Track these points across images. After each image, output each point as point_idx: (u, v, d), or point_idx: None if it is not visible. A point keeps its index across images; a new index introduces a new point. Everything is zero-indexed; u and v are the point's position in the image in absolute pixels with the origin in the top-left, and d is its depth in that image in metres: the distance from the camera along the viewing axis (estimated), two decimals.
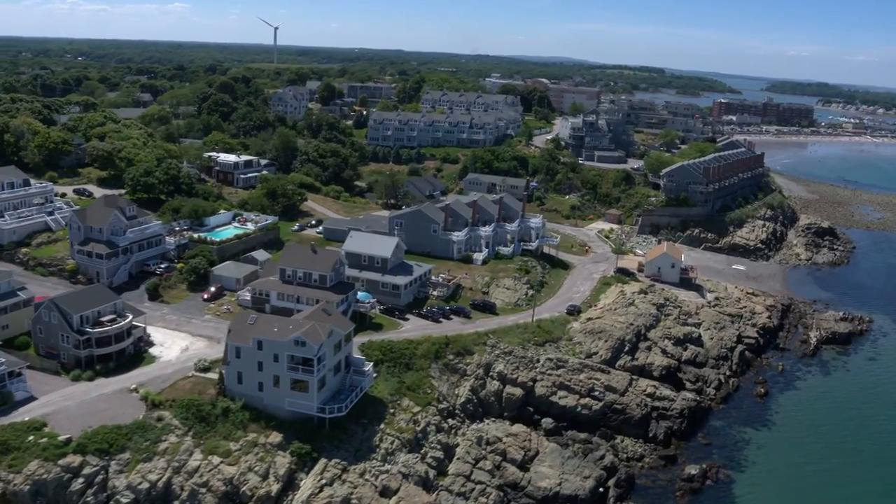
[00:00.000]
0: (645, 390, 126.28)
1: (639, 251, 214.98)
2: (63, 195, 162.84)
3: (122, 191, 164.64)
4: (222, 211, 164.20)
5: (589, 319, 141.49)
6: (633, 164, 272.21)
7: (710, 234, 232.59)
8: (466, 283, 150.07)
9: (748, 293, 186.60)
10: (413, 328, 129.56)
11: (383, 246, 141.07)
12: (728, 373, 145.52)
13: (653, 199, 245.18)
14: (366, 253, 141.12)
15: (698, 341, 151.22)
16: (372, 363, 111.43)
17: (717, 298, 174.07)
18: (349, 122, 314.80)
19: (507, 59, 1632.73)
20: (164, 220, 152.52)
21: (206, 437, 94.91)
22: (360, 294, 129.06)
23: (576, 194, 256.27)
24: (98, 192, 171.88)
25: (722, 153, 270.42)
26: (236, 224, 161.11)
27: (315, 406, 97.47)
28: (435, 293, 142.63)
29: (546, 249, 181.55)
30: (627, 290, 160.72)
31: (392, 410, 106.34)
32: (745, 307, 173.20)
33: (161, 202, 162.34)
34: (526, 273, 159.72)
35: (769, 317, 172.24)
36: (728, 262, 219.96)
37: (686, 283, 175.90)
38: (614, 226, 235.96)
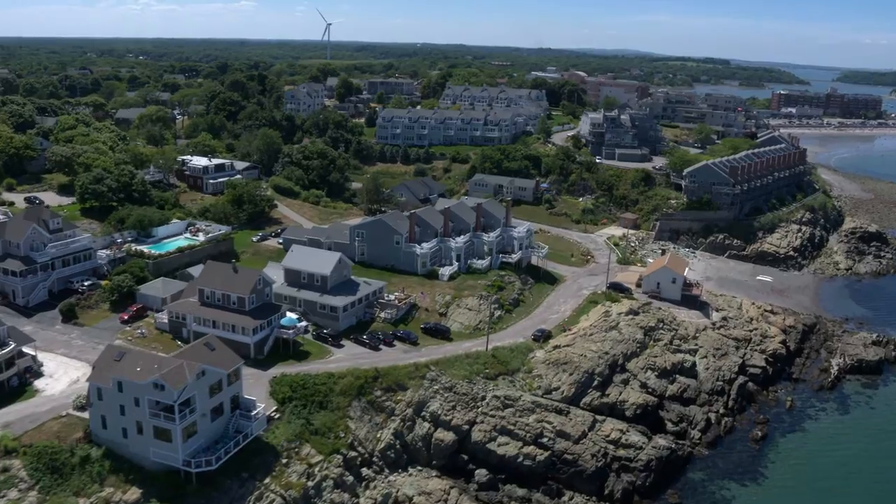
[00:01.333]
0: (608, 435, 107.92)
1: (651, 260, 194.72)
2: (11, 204, 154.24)
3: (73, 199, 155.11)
4: (175, 220, 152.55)
5: (556, 348, 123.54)
6: (660, 162, 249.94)
7: (735, 241, 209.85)
8: (424, 303, 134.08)
9: (766, 311, 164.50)
10: (344, 357, 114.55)
11: (323, 262, 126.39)
12: (722, 410, 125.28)
13: (673, 201, 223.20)
14: (305, 270, 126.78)
15: (690, 372, 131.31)
16: (277, 403, 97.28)
17: (724, 319, 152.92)
18: (361, 120, 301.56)
19: (568, 52, 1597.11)
20: (104, 231, 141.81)
21: (53, 493, 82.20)
22: (284, 319, 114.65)
23: (590, 196, 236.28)
24: (56, 200, 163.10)
25: (756, 150, 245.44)
26: (187, 235, 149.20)
27: (180, 458, 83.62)
28: (382, 315, 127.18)
29: (535, 261, 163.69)
30: (615, 310, 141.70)
31: (286, 460, 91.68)
32: (755, 329, 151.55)
33: (114, 211, 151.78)
34: (499, 290, 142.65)
35: (784, 340, 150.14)
36: (753, 272, 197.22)
37: (689, 300, 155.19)
38: (629, 231, 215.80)
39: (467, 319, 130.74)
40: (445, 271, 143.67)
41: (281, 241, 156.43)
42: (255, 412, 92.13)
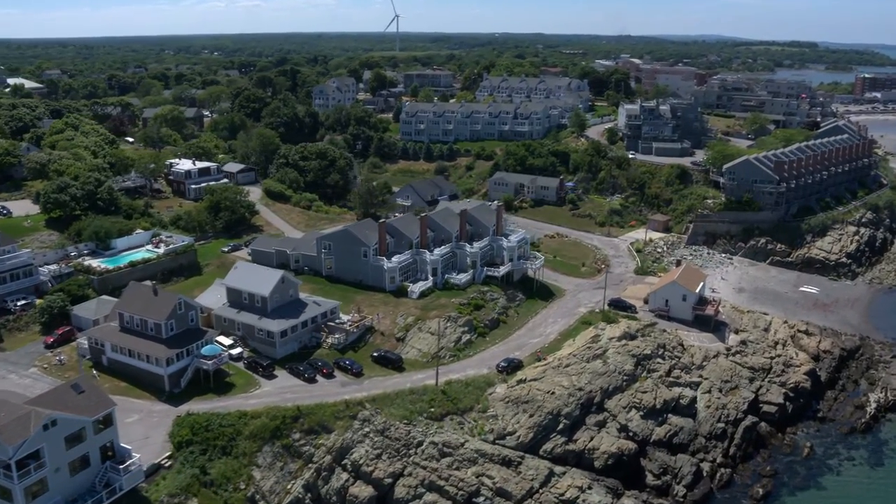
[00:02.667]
0: (563, 494, 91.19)
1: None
2: None
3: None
4: (139, 231, 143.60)
5: (520, 382, 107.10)
6: (703, 157, 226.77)
7: (779, 246, 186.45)
8: (382, 326, 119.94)
9: (799, 331, 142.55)
10: (272, 391, 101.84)
11: (263, 281, 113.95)
12: (720, 459, 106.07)
13: (710, 200, 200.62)
14: (245, 290, 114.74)
15: (687, 410, 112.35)
16: (174, 448, 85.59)
17: (743, 343, 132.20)
18: (388, 116, 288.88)
19: (650, 38, 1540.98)
20: (58, 244, 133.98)
21: None
22: (205, 348, 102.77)
23: (619, 196, 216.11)
24: (29, 208, 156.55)
25: (811, 142, 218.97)
26: (149, 247, 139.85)
27: None
28: (329, 341, 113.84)
29: (534, 272, 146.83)
30: (607, 333, 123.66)
31: None
32: (779, 355, 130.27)
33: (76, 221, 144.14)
34: (475, 309, 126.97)
35: (813, 370, 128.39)
36: (797, 282, 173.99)
37: (702, 321, 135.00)
38: (658, 235, 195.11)
39: (427, 346, 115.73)
40: (416, 288, 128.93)
41: (250, 251, 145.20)
42: (130, 462, 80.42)
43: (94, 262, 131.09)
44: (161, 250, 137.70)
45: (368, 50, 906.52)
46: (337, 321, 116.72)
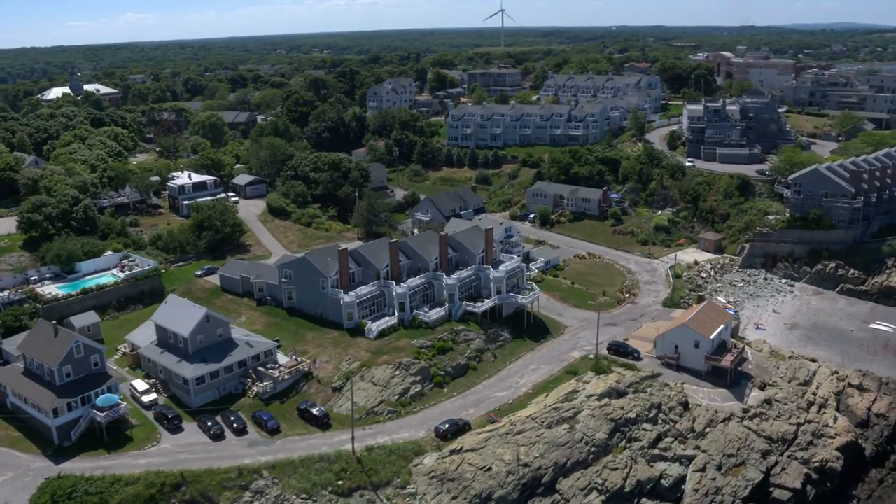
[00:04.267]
0: None
1: (721, 299, 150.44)
2: None
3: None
4: (109, 253, 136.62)
5: (455, 452, 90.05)
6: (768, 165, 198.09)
7: (851, 271, 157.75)
8: (323, 372, 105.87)
9: (851, 385, 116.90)
10: (170, 449, 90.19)
11: (186, 319, 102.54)
12: None
13: (771, 216, 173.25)
14: (170, 328, 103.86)
15: (669, 494, 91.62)
16: None
17: (767, 402, 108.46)
18: (441, 118, 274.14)
19: (776, 28, 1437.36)
20: (17, 267, 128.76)
21: None
22: (101, 397, 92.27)
23: (670, 209, 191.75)
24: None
25: None
26: (114, 271, 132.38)
27: None
28: (254, 389, 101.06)
29: (539, 305, 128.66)
30: (588, 388, 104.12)
31: None
32: (810, 420, 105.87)
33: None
34: (439, 353, 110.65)
35: (853, 442, 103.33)
36: (869, 316, 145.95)
37: (718, 373, 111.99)
38: (708, 256, 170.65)
39: (366, 398, 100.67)
40: (375, 326, 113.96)
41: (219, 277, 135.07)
42: None
43: (51, 288, 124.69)
44: (122, 275, 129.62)
45: (477, 45, 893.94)
46: (269, 366, 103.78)
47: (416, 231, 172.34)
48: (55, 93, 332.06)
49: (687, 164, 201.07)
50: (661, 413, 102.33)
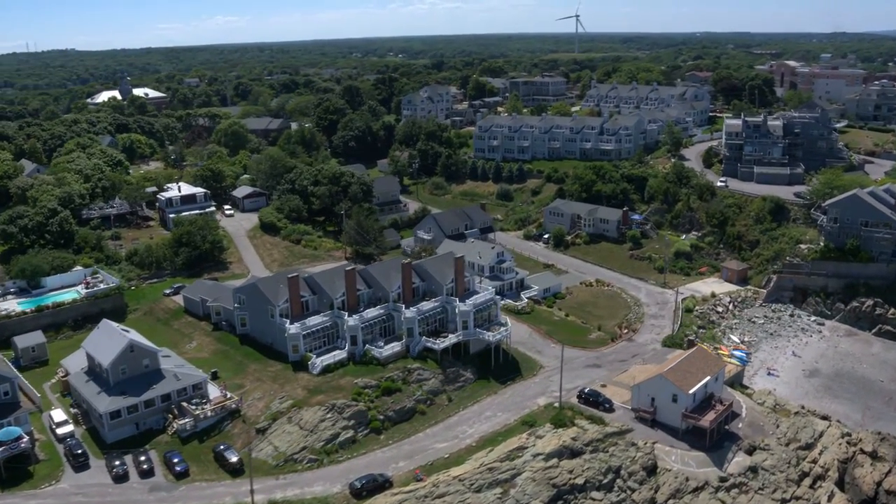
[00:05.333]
0: None
1: (734, 338, 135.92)
2: None
3: None
4: (78, 268, 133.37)
5: None
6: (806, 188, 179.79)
7: (892, 311, 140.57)
8: (254, 410, 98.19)
9: (863, 451, 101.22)
10: (67, 490, 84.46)
11: (109, 348, 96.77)
12: None
13: (804, 246, 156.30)
14: (96, 357, 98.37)
15: None
16: None
17: (752, 469, 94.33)
18: (473, 129, 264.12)
19: (868, 35, 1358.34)
20: None
21: None
22: (2, 431, 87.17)
23: (696, 233, 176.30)
24: None
25: None
26: (80, 287, 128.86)
27: None
28: (175, 425, 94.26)
29: (506, 344, 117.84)
30: (540, 444, 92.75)
31: None
32: (798, 497, 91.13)
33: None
34: (384, 394, 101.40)
35: None
36: None
37: (697, 434, 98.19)
38: (729, 287, 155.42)
39: (289, 443, 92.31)
40: (320, 360, 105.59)
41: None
42: None
43: (11, 304, 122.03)
44: (83, 292, 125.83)
45: (553, 51, 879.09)
46: (196, 401, 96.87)
47: (416, 249, 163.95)
48: (104, 96, 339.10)
49: (719, 183, 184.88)
50: (618, 479, 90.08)
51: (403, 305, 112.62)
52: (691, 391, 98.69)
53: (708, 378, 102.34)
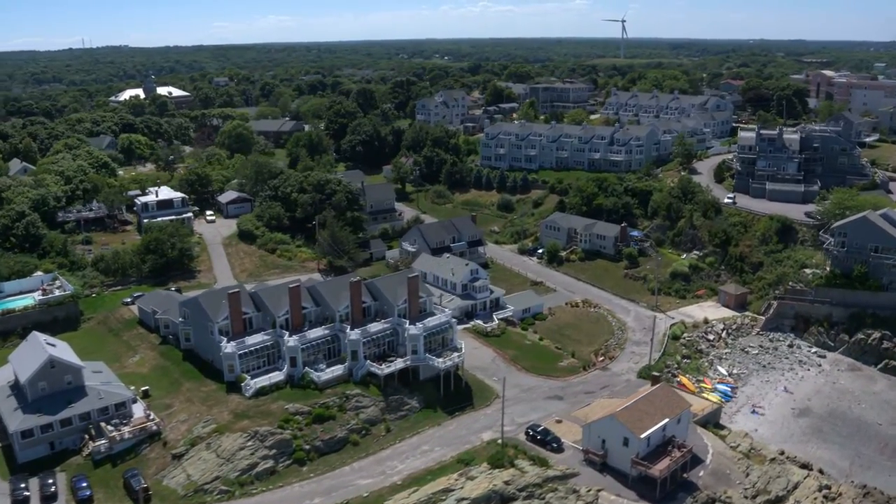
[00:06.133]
0: None
1: (722, 369, 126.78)
2: None
3: None
4: (38, 273, 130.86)
5: None
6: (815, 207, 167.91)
7: None
8: (175, 433, 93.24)
9: None
10: None
11: (30, 362, 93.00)
12: None
13: (809, 271, 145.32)
14: (17, 371, 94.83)
15: None
16: None
17: None
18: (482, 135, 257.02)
19: None
20: None
21: None
22: None
23: (697, 253, 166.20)
24: None
25: None
26: (37, 294, 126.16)
27: None
28: (89, 447, 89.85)
29: (460, 369, 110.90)
30: (468, 487, 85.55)
31: None
32: None
33: None
34: (315, 421, 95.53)
35: None
36: None
37: (646, 483, 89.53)
38: (726, 313, 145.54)
39: (203, 471, 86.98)
40: (254, 382, 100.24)
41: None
42: None
43: None
44: (38, 299, 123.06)
45: (600, 55, 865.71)
46: (115, 421, 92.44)
47: (391, 263, 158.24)
48: (127, 94, 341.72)
49: (726, 200, 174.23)
50: None
51: (349, 326, 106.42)
52: (644, 435, 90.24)
53: (666, 420, 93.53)
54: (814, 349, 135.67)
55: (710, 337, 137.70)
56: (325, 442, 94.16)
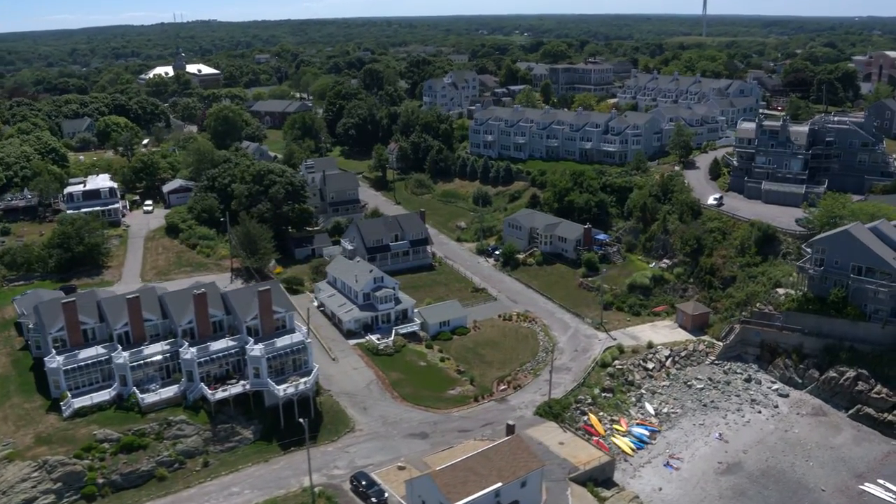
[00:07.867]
0: None
1: (649, 407, 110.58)
2: None
3: None
4: None
5: None
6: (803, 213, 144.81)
7: (878, 388, 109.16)
8: None
9: None
10: None
11: None
12: None
13: (781, 291, 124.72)
14: None
15: None
16: None
17: None
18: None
19: None
20: None
21: None
22: None
23: (666, 262, 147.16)
24: None
25: None
26: None
27: None
28: None
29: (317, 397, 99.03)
30: None
31: None
32: None
33: None
34: (122, 450, 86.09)
35: None
36: (871, 467, 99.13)
37: None
38: (680, 336, 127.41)
39: None
40: (75, 401, 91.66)
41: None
42: None
43: None
44: None
45: (686, 34, 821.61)
46: None
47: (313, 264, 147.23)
48: (155, 72, 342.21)
49: (711, 201, 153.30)
50: None
51: (187, 342, 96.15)
52: (462, 502, 75.70)
53: (499, 485, 78.18)
54: (776, 385, 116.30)
55: (650, 365, 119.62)
56: (125, 476, 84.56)
